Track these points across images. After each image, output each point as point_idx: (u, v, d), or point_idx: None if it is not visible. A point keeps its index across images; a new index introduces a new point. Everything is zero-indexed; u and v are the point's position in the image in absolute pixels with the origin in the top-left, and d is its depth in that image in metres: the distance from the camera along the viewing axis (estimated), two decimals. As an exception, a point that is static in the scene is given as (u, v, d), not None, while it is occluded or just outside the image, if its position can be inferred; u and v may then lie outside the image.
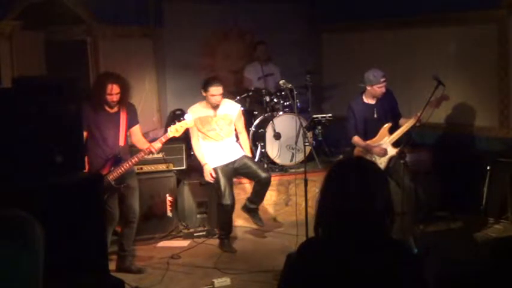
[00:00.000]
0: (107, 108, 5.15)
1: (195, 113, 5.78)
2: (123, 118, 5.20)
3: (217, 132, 5.83)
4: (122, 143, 5.20)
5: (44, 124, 3.50)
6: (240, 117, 6.06)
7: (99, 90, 5.07)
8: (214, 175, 5.78)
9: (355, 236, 1.89)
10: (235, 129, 6.05)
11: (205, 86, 5.74)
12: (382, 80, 5.68)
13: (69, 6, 7.08)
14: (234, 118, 5.95)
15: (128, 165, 5.12)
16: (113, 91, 5.03)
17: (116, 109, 5.18)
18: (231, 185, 5.87)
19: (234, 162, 5.90)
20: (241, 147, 6.07)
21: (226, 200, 5.76)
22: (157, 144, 5.23)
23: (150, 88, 7.92)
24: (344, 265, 1.85)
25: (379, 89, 5.72)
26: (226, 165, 5.86)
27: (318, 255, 1.92)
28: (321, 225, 1.98)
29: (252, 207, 6.06)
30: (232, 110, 5.95)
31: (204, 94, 5.77)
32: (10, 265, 1.47)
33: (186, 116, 5.37)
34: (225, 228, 5.95)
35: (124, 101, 5.17)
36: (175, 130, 5.23)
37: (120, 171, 5.08)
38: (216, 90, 5.70)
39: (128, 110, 5.25)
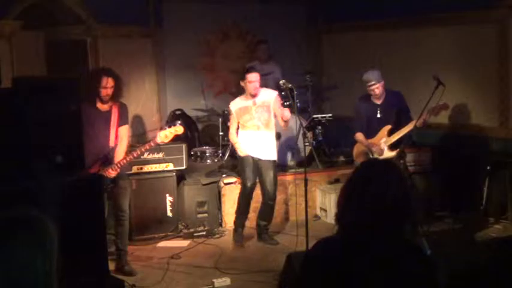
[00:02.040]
0: (99, 106, 5.14)
1: (235, 105, 5.98)
2: (114, 117, 5.17)
3: (255, 121, 5.90)
4: (112, 143, 5.16)
5: (43, 124, 3.50)
6: (278, 104, 6.01)
7: (94, 84, 5.06)
8: (246, 152, 5.89)
9: (372, 237, 1.88)
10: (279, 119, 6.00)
11: (243, 75, 5.90)
12: (368, 84, 5.74)
13: (69, 6, 7.08)
14: (271, 103, 5.93)
15: (118, 166, 5.08)
16: (108, 84, 5.05)
17: (107, 107, 5.16)
18: (255, 170, 5.94)
19: (263, 160, 5.92)
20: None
21: (249, 180, 5.92)
22: (145, 148, 5.25)
23: (150, 88, 7.92)
24: (359, 265, 1.84)
25: (371, 91, 5.78)
26: (256, 158, 5.91)
27: (334, 255, 1.91)
28: (339, 224, 1.97)
29: (263, 223, 6.10)
30: (269, 96, 5.99)
31: (242, 84, 5.92)
32: (25, 266, 1.48)
33: (177, 123, 5.33)
34: (239, 210, 6.03)
35: (116, 97, 5.16)
36: (164, 136, 5.17)
37: (115, 172, 5.07)
38: (253, 76, 5.82)
39: (120, 110, 5.23)
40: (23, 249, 1.49)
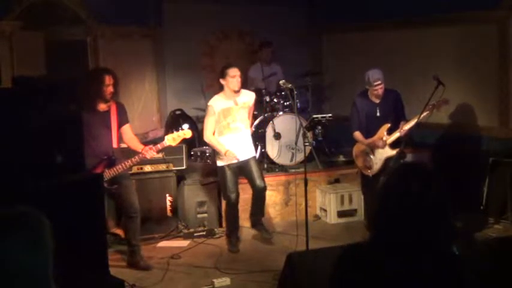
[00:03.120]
0: (98, 107, 5.17)
1: (218, 104, 5.74)
2: (113, 117, 5.22)
3: (237, 123, 5.79)
4: (115, 144, 5.22)
5: (43, 124, 3.50)
6: (253, 105, 6.08)
7: (97, 83, 5.10)
8: (238, 158, 5.74)
9: (406, 241, 1.86)
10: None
11: (223, 72, 5.72)
12: (376, 84, 5.75)
13: (69, 6, 7.08)
14: (251, 104, 5.94)
15: (121, 167, 5.13)
16: (110, 82, 5.13)
17: (106, 107, 5.20)
18: (236, 181, 5.88)
19: (243, 162, 5.85)
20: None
21: (232, 193, 5.80)
22: (151, 153, 5.23)
23: (150, 88, 7.92)
24: (393, 269, 1.83)
25: (374, 91, 5.78)
26: (237, 163, 5.82)
27: (367, 260, 1.89)
28: (373, 225, 1.95)
29: (255, 218, 6.09)
30: (249, 97, 5.93)
31: (223, 81, 5.72)
32: (21, 264, 1.48)
33: (184, 126, 5.37)
34: (228, 222, 5.99)
35: (115, 95, 5.22)
36: (172, 139, 5.26)
37: (113, 172, 5.09)
38: (234, 71, 5.68)
39: (118, 109, 5.29)
40: (19, 248, 1.49)
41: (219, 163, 5.83)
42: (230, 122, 5.77)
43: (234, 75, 5.66)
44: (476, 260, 1.93)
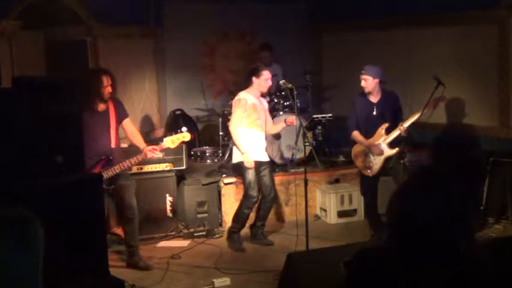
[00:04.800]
0: (98, 107, 5.19)
1: (250, 99, 5.77)
2: (112, 117, 5.24)
3: (261, 122, 5.85)
4: (113, 145, 5.22)
5: (43, 124, 3.50)
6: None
7: (96, 85, 5.12)
8: (253, 165, 5.75)
9: (430, 246, 1.85)
10: None
11: (257, 72, 5.75)
12: (360, 72, 5.75)
13: (69, 6, 7.08)
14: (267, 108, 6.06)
15: (119, 168, 5.13)
16: (108, 82, 5.16)
17: (105, 106, 5.23)
18: (257, 179, 5.87)
19: (263, 163, 5.87)
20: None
21: (253, 192, 5.80)
22: (155, 154, 5.29)
23: (150, 88, 7.93)
24: (413, 276, 1.81)
25: (360, 80, 5.77)
26: (258, 162, 5.83)
27: (389, 264, 1.87)
28: (393, 231, 1.91)
29: (260, 223, 6.07)
30: (266, 103, 6.07)
31: (256, 79, 5.74)
32: (9, 265, 1.47)
33: (183, 129, 5.38)
34: (239, 221, 5.95)
35: (113, 94, 5.27)
36: (171, 141, 5.30)
37: (111, 173, 5.10)
38: (268, 74, 5.79)
39: (116, 106, 5.32)
40: (8, 248, 1.48)
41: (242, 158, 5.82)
42: (256, 119, 5.81)
43: (267, 78, 5.76)
44: (477, 261, 1.92)
